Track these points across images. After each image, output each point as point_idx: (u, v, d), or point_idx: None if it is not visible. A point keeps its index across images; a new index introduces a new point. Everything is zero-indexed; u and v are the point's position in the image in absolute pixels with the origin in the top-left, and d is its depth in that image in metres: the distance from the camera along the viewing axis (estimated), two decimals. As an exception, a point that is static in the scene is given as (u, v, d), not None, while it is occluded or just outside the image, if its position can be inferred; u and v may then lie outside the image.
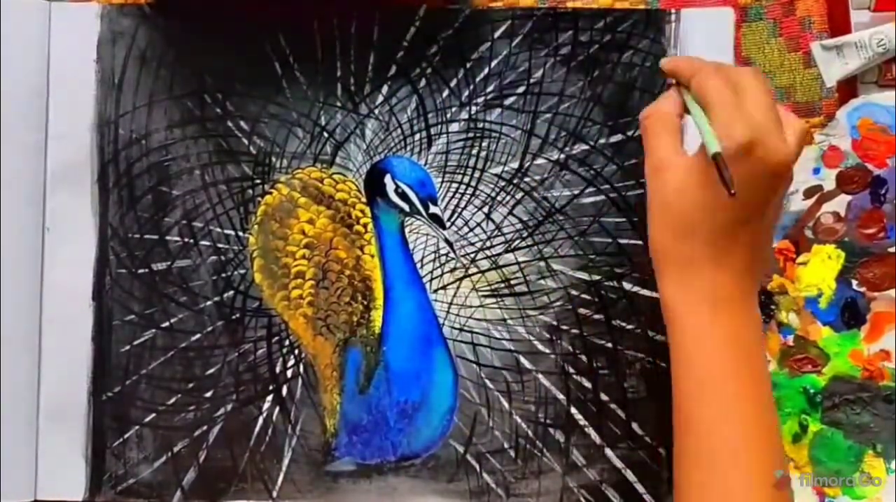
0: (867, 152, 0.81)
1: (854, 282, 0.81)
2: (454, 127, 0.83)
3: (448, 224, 0.83)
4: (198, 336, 0.82)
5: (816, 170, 0.82)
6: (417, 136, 0.83)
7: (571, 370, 0.82)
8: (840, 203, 0.81)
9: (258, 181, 0.83)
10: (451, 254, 0.83)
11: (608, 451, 0.82)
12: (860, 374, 0.81)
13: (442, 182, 0.83)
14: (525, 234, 0.83)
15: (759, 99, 0.63)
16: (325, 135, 0.83)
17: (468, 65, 0.83)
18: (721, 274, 0.64)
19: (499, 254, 0.83)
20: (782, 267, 0.82)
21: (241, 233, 0.83)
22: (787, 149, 0.62)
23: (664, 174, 0.65)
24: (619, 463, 0.82)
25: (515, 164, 0.83)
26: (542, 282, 0.83)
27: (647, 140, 0.68)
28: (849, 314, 0.81)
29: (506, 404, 0.82)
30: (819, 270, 0.81)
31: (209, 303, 0.82)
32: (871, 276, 0.81)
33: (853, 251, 0.81)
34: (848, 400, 0.81)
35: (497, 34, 0.83)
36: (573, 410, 0.82)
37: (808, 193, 0.82)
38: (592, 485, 0.82)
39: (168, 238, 0.82)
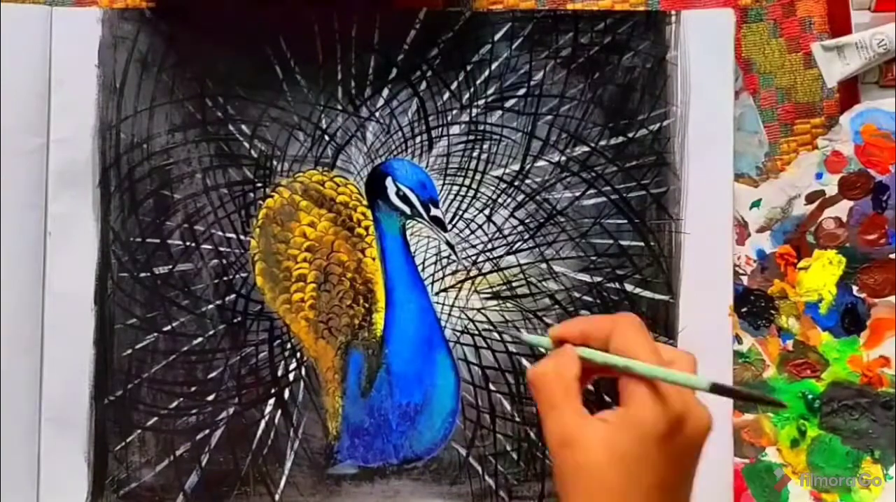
0: (870, 158, 0.81)
1: (854, 288, 0.81)
2: (455, 129, 0.83)
3: (449, 226, 0.83)
4: (199, 339, 0.82)
5: (819, 175, 0.82)
6: (418, 139, 0.83)
7: (573, 372, 0.82)
8: (842, 208, 0.82)
9: (259, 184, 0.83)
10: (453, 257, 0.83)
11: (609, 453, 0.82)
12: (859, 380, 0.81)
13: (443, 184, 0.83)
14: (526, 236, 0.83)
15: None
16: (326, 138, 0.83)
17: (469, 67, 0.83)
18: None
19: (500, 257, 0.83)
20: (783, 271, 0.82)
21: (242, 237, 0.83)
22: (707, 416, 0.60)
23: (577, 447, 0.60)
24: (620, 465, 0.82)
25: (516, 167, 0.83)
26: (543, 283, 0.83)
27: (546, 406, 0.62)
28: (849, 320, 0.81)
29: (508, 406, 0.83)
30: (820, 275, 0.82)
31: (211, 306, 0.83)
32: (872, 282, 0.81)
33: (854, 257, 0.81)
34: (846, 406, 0.81)
35: (497, 36, 0.83)
36: (574, 412, 0.82)
37: (810, 198, 0.82)
38: (594, 487, 0.82)
39: (169, 242, 0.83)
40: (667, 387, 0.59)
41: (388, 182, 0.83)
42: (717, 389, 0.58)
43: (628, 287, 0.83)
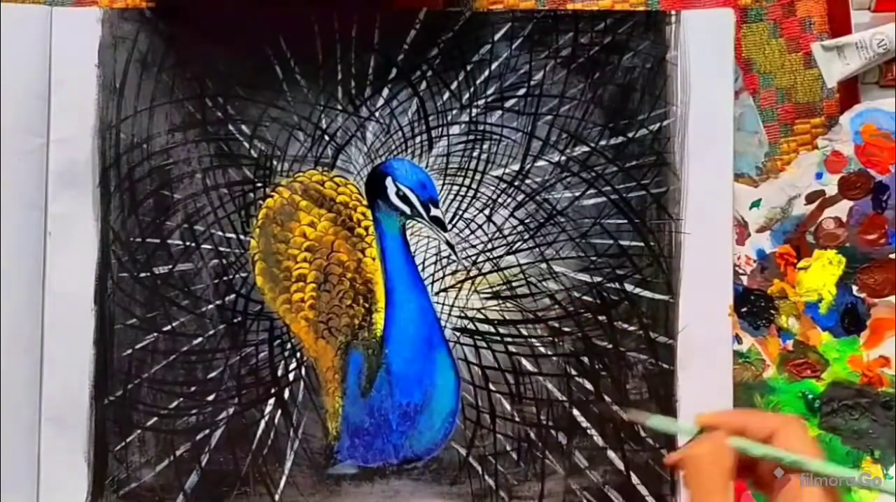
0: (870, 158, 0.81)
1: (854, 288, 0.81)
2: (455, 129, 0.83)
3: (449, 226, 0.83)
4: (199, 339, 0.82)
5: (819, 175, 0.82)
6: (418, 139, 0.83)
7: (573, 372, 0.82)
8: (842, 208, 0.82)
9: (259, 184, 0.83)
10: (453, 257, 0.83)
11: (610, 453, 0.82)
12: (859, 380, 0.81)
13: (443, 184, 0.83)
14: (526, 236, 0.83)
15: None
16: (326, 138, 0.83)
17: (469, 67, 0.83)
18: None
19: (500, 257, 0.83)
20: (783, 271, 0.82)
21: (242, 237, 0.83)
22: None
23: None
24: (621, 465, 0.82)
25: (516, 167, 0.83)
26: (543, 283, 0.83)
27: (700, 491, 0.62)
28: (849, 320, 0.81)
29: (508, 406, 0.82)
30: (820, 275, 0.81)
31: (211, 306, 0.83)
32: (872, 282, 0.81)
33: (854, 257, 0.81)
34: (846, 406, 0.81)
35: (497, 36, 0.83)
36: (575, 412, 0.82)
37: (810, 198, 0.82)
38: (595, 487, 0.82)
39: (169, 242, 0.83)
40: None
41: (388, 182, 0.82)
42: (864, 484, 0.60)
43: (628, 287, 0.83)
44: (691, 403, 0.81)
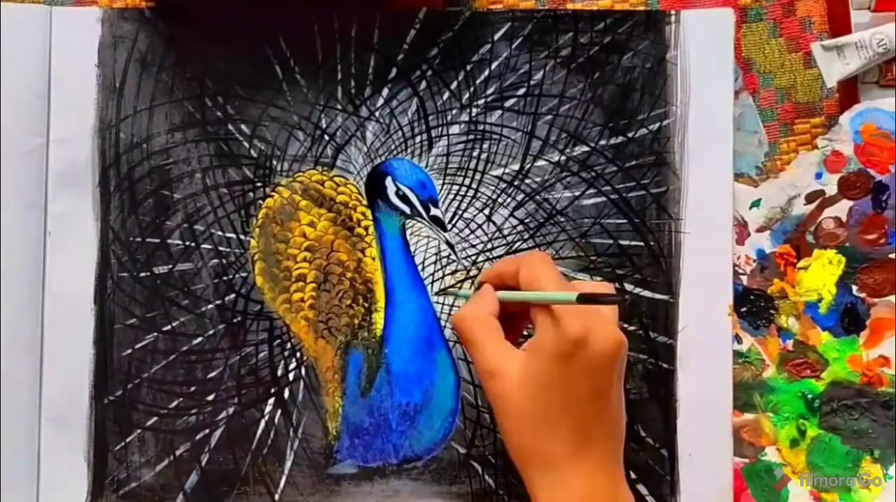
0: (870, 158, 0.81)
1: (854, 288, 0.81)
2: (455, 129, 0.83)
3: (449, 226, 0.83)
4: (199, 339, 0.82)
5: (819, 175, 0.82)
6: (418, 139, 0.83)
7: (573, 371, 0.82)
8: (841, 208, 0.82)
9: (259, 184, 0.83)
10: (453, 256, 0.83)
11: (609, 453, 0.82)
12: (859, 380, 0.81)
13: (443, 184, 0.83)
14: (526, 236, 0.83)
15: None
16: (326, 137, 0.83)
17: (468, 67, 0.83)
18: (586, 464, 0.66)
19: (500, 256, 0.83)
20: (783, 271, 0.82)
21: (242, 237, 0.83)
22: (616, 334, 0.65)
23: (499, 376, 0.67)
24: (620, 465, 0.82)
25: (516, 166, 0.83)
26: (543, 283, 0.83)
27: (470, 345, 0.69)
28: (848, 319, 0.81)
29: (507, 406, 0.82)
30: (819, 275, 0.82)
31: (210, 306, 0.82)
32: (872, 282, 0.81)
33: (854, 257, 0.81)
34: (846, 406, 0.81)
35: (497, 36, 0.83)
36: (574, 412, 0.82)
37: (810, 198, 0.82)
38: (593, 487, 0.82)
39: (169, 241, 0.82)
40: (565, 312, 0.64)
41: (388, 182, 0.82)
42: (583, 299, 0.62)
43: (628, 286, 0.83)
44: (691, 403, 0.81)
